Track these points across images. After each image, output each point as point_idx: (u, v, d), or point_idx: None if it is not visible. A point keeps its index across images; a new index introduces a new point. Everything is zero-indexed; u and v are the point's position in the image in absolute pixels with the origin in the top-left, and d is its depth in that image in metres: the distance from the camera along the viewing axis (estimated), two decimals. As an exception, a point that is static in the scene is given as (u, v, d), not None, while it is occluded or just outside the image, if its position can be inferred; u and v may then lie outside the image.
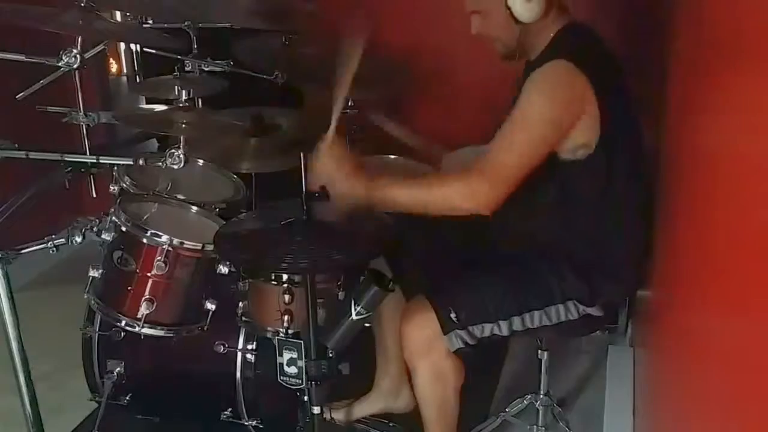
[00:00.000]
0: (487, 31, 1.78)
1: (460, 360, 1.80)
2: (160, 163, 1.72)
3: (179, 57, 2.28)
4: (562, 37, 1.76)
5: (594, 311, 1.79)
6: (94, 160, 1.72)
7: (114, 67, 3.06)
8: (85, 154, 1.72)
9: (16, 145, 1.70)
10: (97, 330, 2.07)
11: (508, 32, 1.76)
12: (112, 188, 2.05)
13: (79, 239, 1.76)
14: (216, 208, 2.07)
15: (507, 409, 2.19)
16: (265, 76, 2.35)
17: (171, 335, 1.93)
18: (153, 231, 1.86)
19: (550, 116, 1.67)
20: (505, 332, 1.77)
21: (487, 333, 1.77)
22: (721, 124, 1.21)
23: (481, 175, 1.64)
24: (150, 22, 2.51)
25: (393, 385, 2.16)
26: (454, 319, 1.74)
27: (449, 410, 1.84)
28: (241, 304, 1.96)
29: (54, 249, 1.73)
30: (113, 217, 1.88)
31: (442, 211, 1.69)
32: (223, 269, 1.93)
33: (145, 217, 1.96)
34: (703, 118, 1.39)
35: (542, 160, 1.65)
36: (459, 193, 1.66)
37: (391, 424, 2.21)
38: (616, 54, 1.79)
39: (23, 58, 1.68)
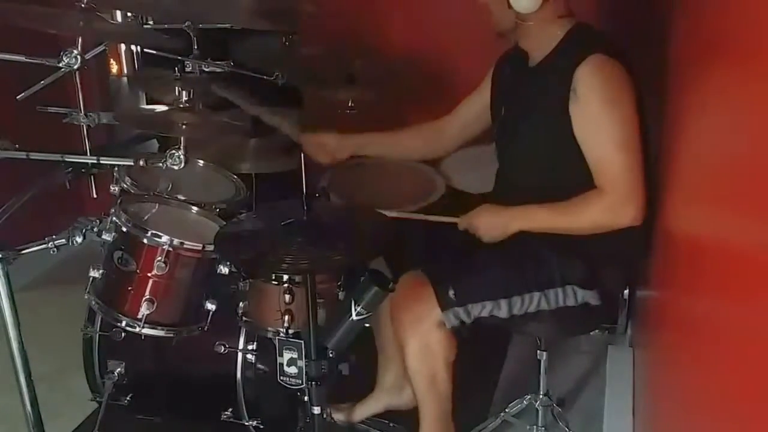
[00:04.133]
0: (485, 1, 1.84)
1: (452, 334, 1.80)
2: (161, 164, 1.72)
3: (179, 58, 2.28)
4: (578, 35, 1.79)
5: (592, 299, 1.80)
6: (95, 161, 1.72)
7: (114, 68, 3.06)
8: (85, 154, 1.72)
9: (17, 145, 1.70)
10: (97, 330, 2.07)
11: (502, 13, 1.81)
12: (112, 189, 2.05)
13: (79, 239, 1.76)
14: (216, 209, 2.07)
15: (507, 409, 2.19)
16: (265, 77, 2.35)
17: (171, 335, 1.93)
18: (153, 231, 1.86)
19: (627, 106, 1.71)
20: (504, 314, 1.78)
21: (486, 313, 1.77)
22: (721, 122, 1.21)
23: (611, 194, 1.70)
24: (150, 22, 2.51)
25: (396, 380, 2.15)
26: (452, 296, 1.75)
27: (440, 386, 1.84)
28: (241, 304, 1.97)
29: (54, 249, 1.72)
30: (114, 218, 1.88)
31: (592, 231, 1.75)
32: (224, 269, 1.93)
33: (145, 218, 1.97)
34: (702, 114, 1.39)
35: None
36: (605, 216, 1.72)
37: (391, 425, 2.21)
38: None
39: (24, 58, 1.68)
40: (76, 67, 1.66)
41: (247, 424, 2.07)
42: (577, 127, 1.73)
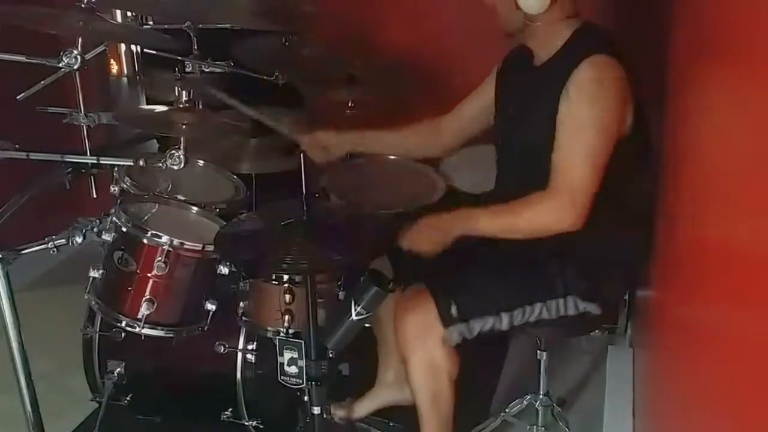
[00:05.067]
0: (493, 2, 1.82)
1: (456, 350, 1.80)
2: (161, 164, 1.72)
3: (180, 58, 2.28)
4: (583, 35, 1.78)
5: (593, 309, 1.79)
6: (95, 161, 1.72)
7: (114, 68, 3.06)
8: (85, 154, 1.73)
9: (17, 145, 1.70)
10: (97, 330, 2.07)
11: (510, 14, 1.79)
12: (112, 189, 2.05)
13: (79, 239, 1.76)
14: (216, 209, 2.07)
15: (507, 409, 2.19)
16: (265, 77, 2.35)
17: (171, 335, 1.93)
18: (153, 231, 1.86)
19: (611, 116, 1.69)
20: (505, 326, 1.77)
21: (487, 327, 1.77)
22: (723, 122, 1.21)
23: (562, 194, 1.67)
24: (150, 22, 2.51)
25: (396, 376, 2.14)
26: (455, 313, 1.75)
27: (443, 401, 1.83)
28: (242, 303, 1.97)
29: (54, 249, 1.73)
30: (114, 218, 1.88)
31: (532, 234, 1.72)
32: (224, 269, 1.93)
33: (145, 218, 1.96)
34: (703, 116, 1.39)
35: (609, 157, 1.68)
36: (546, 216, 1.69)
37: (390, 424, 2.21)
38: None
39: (24, 58, 1.68)
40: (76, 67, 1.66)
41: (247, 424, 2.07)
42: (558, 122, 1.71)
